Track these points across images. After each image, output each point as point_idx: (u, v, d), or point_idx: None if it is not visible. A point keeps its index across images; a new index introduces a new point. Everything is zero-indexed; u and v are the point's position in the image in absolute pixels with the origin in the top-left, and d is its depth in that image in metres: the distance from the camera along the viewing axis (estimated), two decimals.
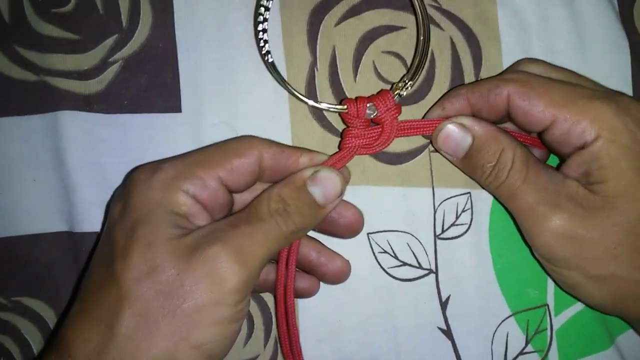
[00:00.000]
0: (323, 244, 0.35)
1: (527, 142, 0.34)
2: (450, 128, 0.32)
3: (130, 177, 0.30)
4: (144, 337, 0.26)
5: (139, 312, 0.27)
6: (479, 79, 0.36)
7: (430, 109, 0.34)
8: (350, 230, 0.34)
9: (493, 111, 0.32)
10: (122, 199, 0.30)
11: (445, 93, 0.35)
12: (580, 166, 0.30)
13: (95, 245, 0.34)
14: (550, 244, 0.30)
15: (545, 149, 0.34)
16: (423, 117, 0.35)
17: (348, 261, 0.35)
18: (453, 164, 0.34)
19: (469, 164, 0.32)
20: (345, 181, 0.31)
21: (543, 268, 0.33)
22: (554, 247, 0.30)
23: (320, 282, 0.35)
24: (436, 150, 0.34)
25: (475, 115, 0.33)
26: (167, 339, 0.26)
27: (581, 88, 0.31)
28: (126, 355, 0.26)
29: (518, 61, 0.35)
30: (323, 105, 0.33)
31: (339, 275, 0.34)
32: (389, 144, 0.34)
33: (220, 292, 0.27)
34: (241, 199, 0.33)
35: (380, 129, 0.33)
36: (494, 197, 0.34)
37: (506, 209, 0.33)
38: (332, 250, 0.35)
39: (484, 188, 0.33)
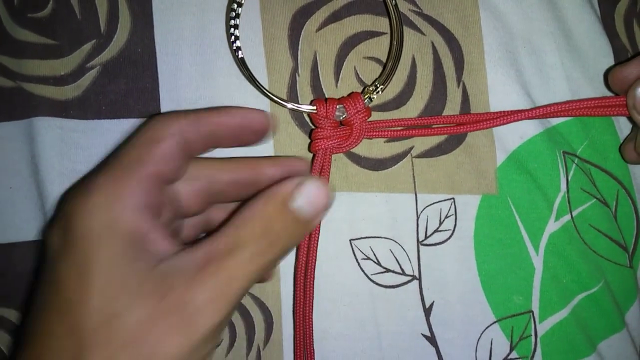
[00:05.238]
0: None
1: None
2: None
3: (64, 204, 0.26)
4: None
5: None
6: (461, 82, 0.36)
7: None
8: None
9: None
10: (59, 227, 0.25)
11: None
12: None
13: (32, 284, 0.32)
14: None
15: None
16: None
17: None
18: None
19: None
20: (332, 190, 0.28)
21: None
22: None
23: None
24: (419, 157, 0.33)
25: None
26: None
27: None
28: None
29: None
30: (290, 105, 0.33)
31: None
32: (357, 145, 0.34)
33: (195, 337, 0.24)
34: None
35: (349, 130, 0.33)
36: None
37: None
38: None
39: None
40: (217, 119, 0.29)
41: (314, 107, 0.33)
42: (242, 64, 0.33)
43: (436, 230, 0.36)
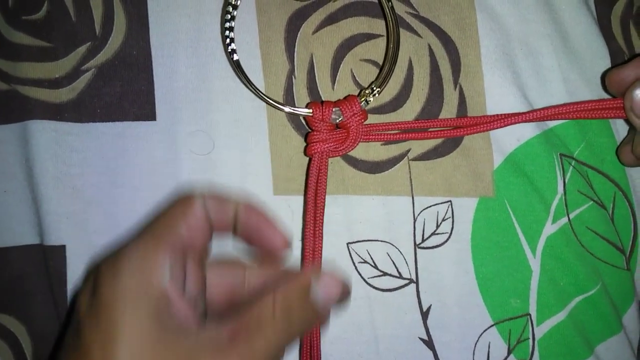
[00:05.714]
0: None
1: None
2: None
3: (95, 269, 0.26)
4: None
5: None
6: (458, 85, 0.36)
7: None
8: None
9: None
10: (87, 291, 0.26)
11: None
12: None
13: (57, 343, 0.32)
14: None
15: None
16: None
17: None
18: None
19: None
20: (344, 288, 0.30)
21: None
22: None
23: None
24: (415, 161, 0.33)
25: None
26: None
27: None
28: None
29: None
30: (287, 109, 0.33)
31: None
32: (354, 148, 0.34)
33: None
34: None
35: (345, 133, 0.33)
36: None
37: None
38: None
39: None
40: (243, 212, 0.29)
41: (310, 110, 0.33)
42: (237, 66, 0.33)
43: (433, 233, 0.36)
